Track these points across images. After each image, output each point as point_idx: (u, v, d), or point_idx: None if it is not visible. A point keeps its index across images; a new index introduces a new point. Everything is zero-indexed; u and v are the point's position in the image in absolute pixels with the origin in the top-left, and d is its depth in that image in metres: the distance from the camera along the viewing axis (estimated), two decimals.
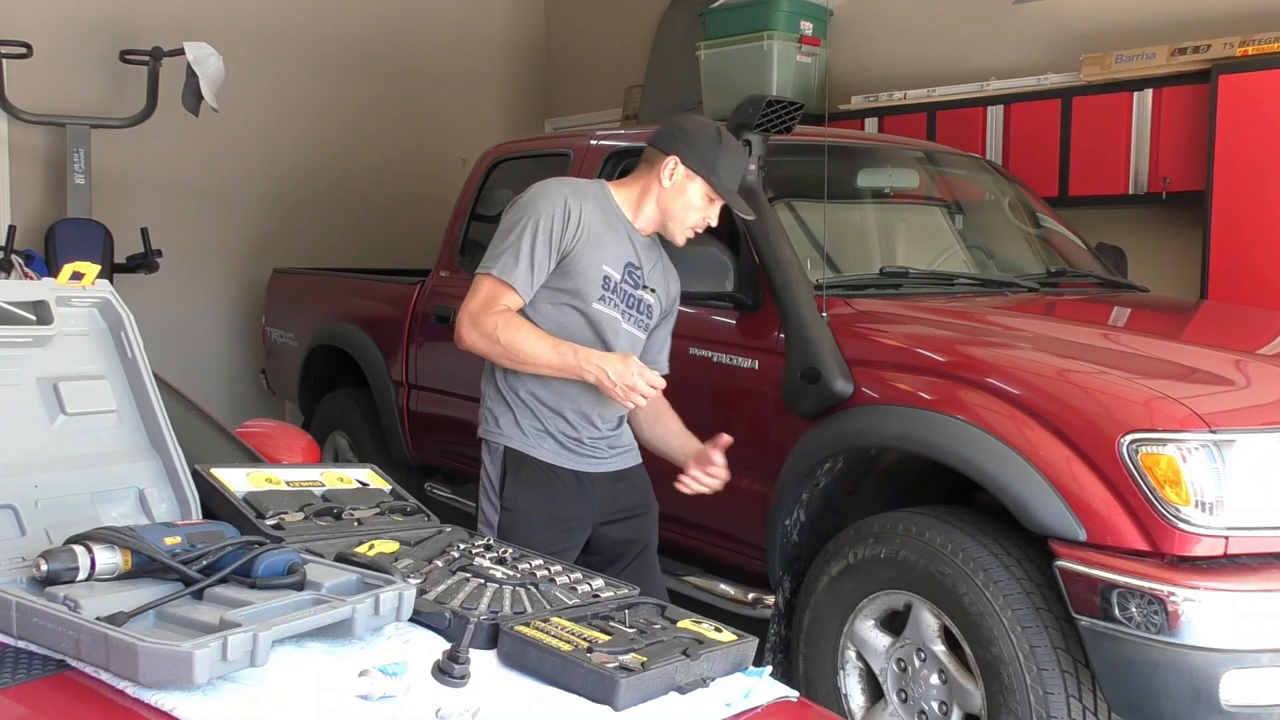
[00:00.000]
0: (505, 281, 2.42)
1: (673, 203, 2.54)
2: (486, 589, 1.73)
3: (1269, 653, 2.28)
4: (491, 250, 2.46)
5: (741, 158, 2.60)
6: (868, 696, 2.89)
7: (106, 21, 6.14)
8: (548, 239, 2.42)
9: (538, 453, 2.55)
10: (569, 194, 2.46)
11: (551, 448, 2.56)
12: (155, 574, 1.57)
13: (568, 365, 2.41)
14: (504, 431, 2.56)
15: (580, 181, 2.60)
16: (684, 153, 2.51)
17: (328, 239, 6.89)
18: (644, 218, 2.58)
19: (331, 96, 6.98)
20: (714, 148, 2.51)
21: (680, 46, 6.41)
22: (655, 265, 2.64)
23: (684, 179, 2.52)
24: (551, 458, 2.56)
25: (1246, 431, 2.39)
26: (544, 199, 2.45)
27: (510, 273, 2.41)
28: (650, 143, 2.59)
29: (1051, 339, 2.94)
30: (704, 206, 2.55)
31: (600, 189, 2.57)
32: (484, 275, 2.44)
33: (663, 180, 2.53)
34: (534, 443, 2.55)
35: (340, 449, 5.08)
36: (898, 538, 2.72)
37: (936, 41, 5.68)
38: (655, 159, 2.55)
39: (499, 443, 2.56)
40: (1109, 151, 4.71)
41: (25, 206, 6.00)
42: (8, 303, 1.83)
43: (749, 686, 1.62)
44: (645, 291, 2.60)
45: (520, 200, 2.50)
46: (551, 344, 2.43)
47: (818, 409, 2.92)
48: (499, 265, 2.42)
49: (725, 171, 2.53)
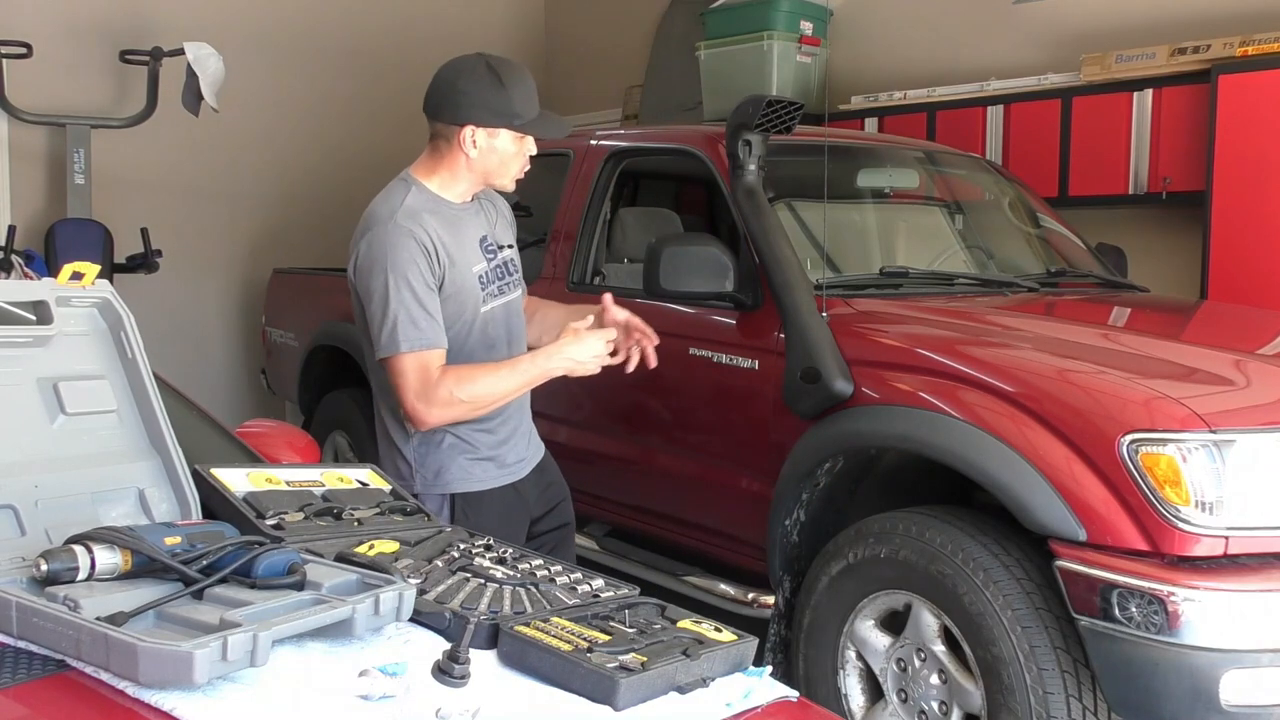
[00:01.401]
0: (420, 349, 2.28)
1: (488, 164, 2.39)
2: (486, 589, 1.73)
3: (1269, 653, 2.28)
4: (380, 326, 2.30)
5: (524, 74, 2.39)
6: (868, 696, 2.89)
7: (106, 21, 6.14)
8: (424, 283, 2.30)
9: (482, 484, 2.46)
10: (408, 227, 2.30)
11: (493, 472, 2.49)
12: (155, 574, 1.57)
13: (534, 379, 2.36)
14: (444, 478, 2.45)
15: (398, 203, 2.36)
16: (475, 115, 2.34)
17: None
18: (464, 191, 2.45)
19: (332, 96, 6.98)
20: (497, 90, 2.32)
21: (680, 46, 6.41)
22: (492, 220, 2.53)
23: (487, 139, 2.36)
24: (494, 480, 2.49)
25: (1246, 431, 2.39)
26: (393, 248, 2.28)
27: (418, 339, 2.28)
28: (430, 116, 2.40)
29: (1051, 339, 2.94)
30: (519, 150, 2.40)
31: (416, 192, 2.39)
32: (396, 357, 2.28)
33: (468, 152, 2.37)
34: (477, 475, 2.46)
35: (340, 449, 5.08)
36: (898, 538, 2.72)
37: (936, 41, 5.68)
38: (448, 133, 2.37)
39: (443, 493, 2.45)
40: (1109, 151, 4.71)
41: (25, 206, 6.00)
42: (8, 303, 1.83)
43: (749, 686, 1.62)
44: (501, 252, 2.52)
45: (368, 260, 2.32)
46: (507, 369, 2.35)
47: (818, 409, 2.92)
48: (402, 338, 2.27)
49: (521, 104, 2.35)
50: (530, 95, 2.39)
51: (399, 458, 2.47)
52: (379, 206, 2.39)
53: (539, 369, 2.34)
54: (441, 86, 2.38)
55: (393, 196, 2.39)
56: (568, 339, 2.35)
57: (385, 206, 2.37)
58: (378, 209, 2.38)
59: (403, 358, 2.28)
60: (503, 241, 2.54)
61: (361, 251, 2.34)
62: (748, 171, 3.22)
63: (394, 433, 2.48)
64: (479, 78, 2.34)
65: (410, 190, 2.40)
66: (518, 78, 2.38)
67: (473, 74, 2.35)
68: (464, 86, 2.34)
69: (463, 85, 2.35)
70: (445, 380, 2.28)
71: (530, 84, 2.41)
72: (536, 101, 2.41)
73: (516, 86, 2.36)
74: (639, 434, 3.60)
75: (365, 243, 2.33)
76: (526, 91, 2.38)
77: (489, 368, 2.37)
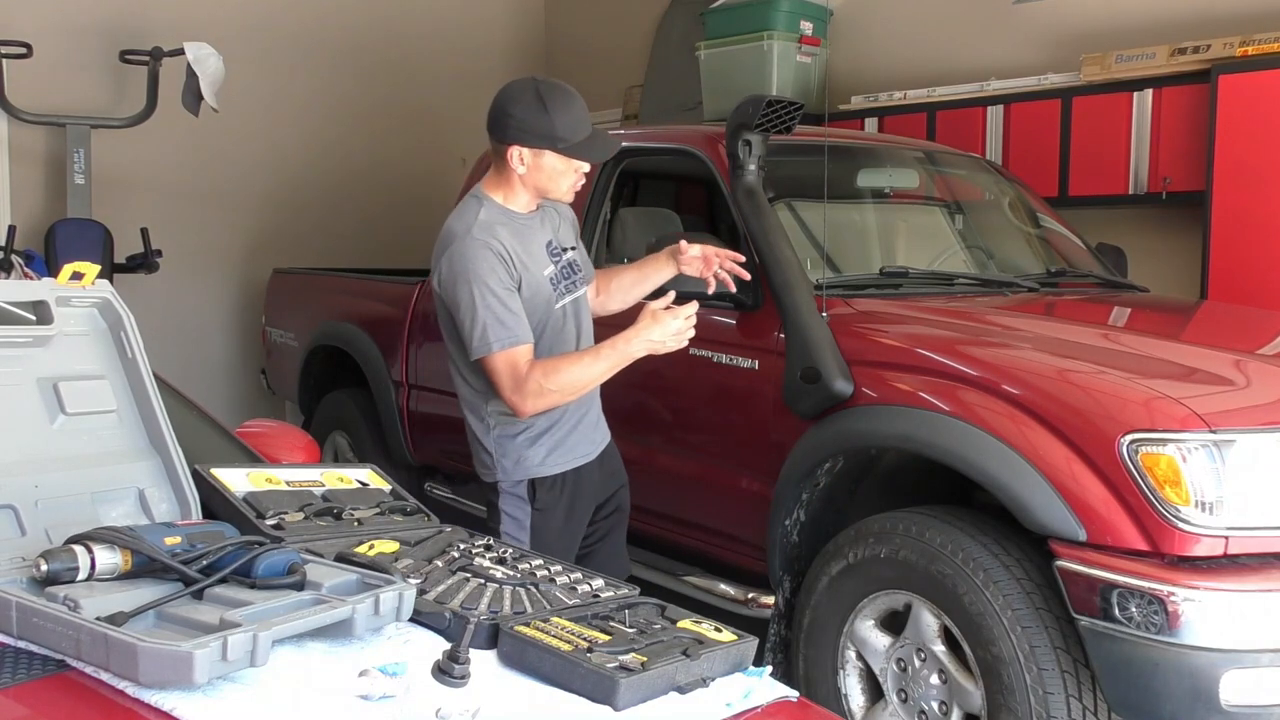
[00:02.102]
0: (509, 348, 2.46)
1: (538, 180, 2.56)
2: (486, 589, 1.73)
3: (1269, 653, 2.28)
4: (470, 332, 2.48)
5: (571, 99, 2.54)
6: (868, 696, 2.89)
7: (106, 21, 6.13)
8: (504, 288, 2.47)
9: (556, 468, 2.63)
10: (484, 240, 2.49)
11: (565, 457, 2.64)
12: (155, 574, 1.58)
13: (616, 364, 2.50)
14: (523, 466, 2.62)
15: (472, 219, 2.55)
16: (518, 137, 2.51)
17: (328, 239, 6.89)
18: (527, 203, 2.61)
19: (332, 96, 6.98)
20: (540, 115, 2.49)
21: (680, 46, 6.40)
22: (555, 224, 2.70)
23: (533, 157, 2.53)
24: (566, 465, 2.64)
25: (1246, 431, 2.39)
26: (473, 260, 2.47)
27: (506, 337, 2.46)
28: (489, 134, 2.58)
29: (1051, 339, 2.94)
30: (567, 167, 2.55)
31: (489, 207, 2.57)
32: (490, 356, 2.47)
33: (517, 169, 2.54)
34: (551, 461, 2.63)
35: (340, 449, 5.08)
36: (898, 538, 2.72)
37: (936, 41, 5.68)
38: (501, 151, 2.55)
39: (521, 478, 2.63)
40: (1109, 151, 4.70)
41: (25, 206, 5.99)
42: (8, 303, 1.83)
43: (749, 686, 1.63)
44: (566, 253, 2.68)
45: (451, 274, 2.51)
46: (590, 357, 2.51)
47: (818, 409, 2.92)
48: (493, 339, 2.45)
49: (564, 129, 2.50)
50: (575, 119, 2.53)
51: (481, 449, 2.67)
52: (455, 223, 2.57)
53: (619, 354, 2.48)
54: (494, 108, 2.57)
55: (466, 213, 2.57)
56: (646, 322, 2.47)
57: (461, 223, 2.55)
58: (454, 226, 2.57)
59: (495, 356, 2.46)
60: (566, 244, 2.71)
61: (444, 267, 2.52)
62: (748, 171, 3.22)
63: (475, 427, 2.67)
64: (525, 102, 2.51)
65: (482, 206, 2.58)
66: (563, 102, 2.52)
67: (520, 98, 2.52)
68: (511, 109, 2.52)
69: (510, 108, 2.52)
70: (534, 373, 2.46)
71: (577, 107, 2.55)
72: (584, 123, 2.55)
73: (560, 111, 2.50)
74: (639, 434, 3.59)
75: (446, 258, 2.52)
76: (571, 115, 2.52)
77: (573, 357, 2.53)
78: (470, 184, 4.49)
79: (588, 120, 2.57)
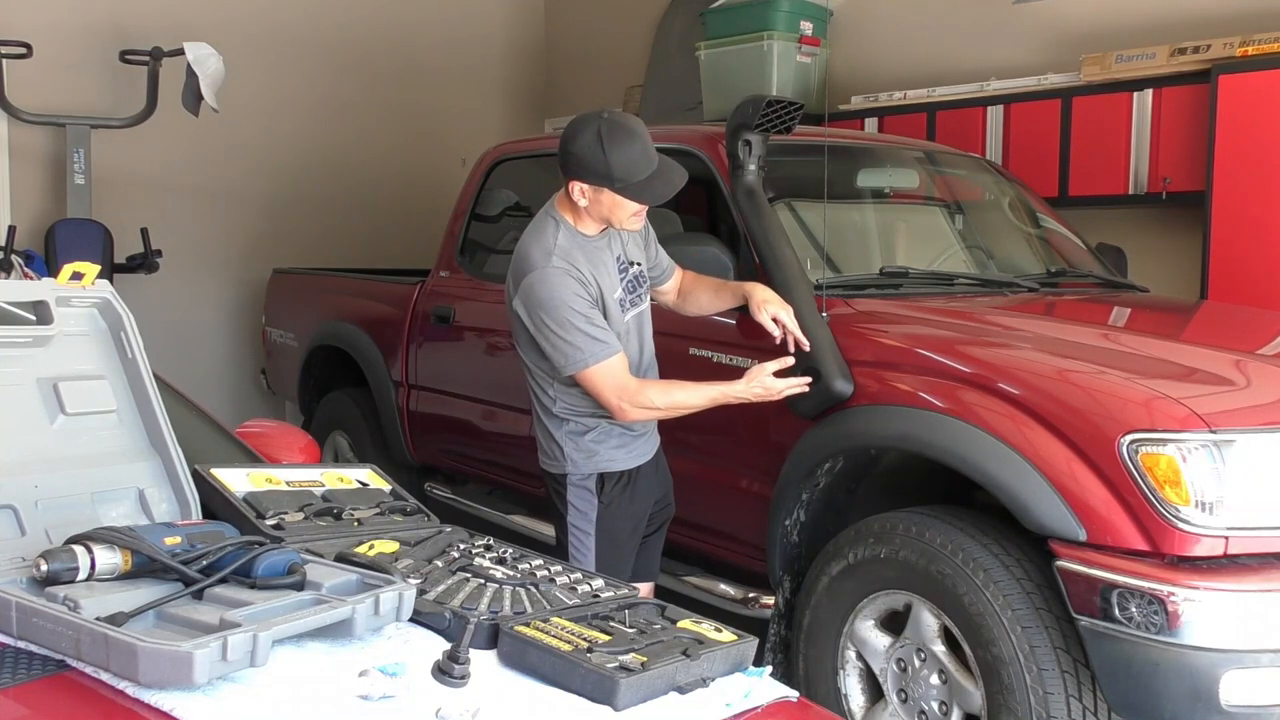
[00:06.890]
0: (604, 359, 2.62)
1: (601, 211, 2.68)
2: (486, 589, 1.73)
3: (1269, 653, 2.28)
4: (564, 351, 2.63)
5: (632, 139, 2.61)
6: (868, 696, 2.89)
7: (106, 21, 6.13)
8: (589, 309, 2.64)
9: (624, 464, 2.80)
10: (564, 267, 2.63)
11: (629, 456, 2.82)
12: (155, 574, 1.58)
13: (717, 402, 2.73)
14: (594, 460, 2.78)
15: (551, 244, 2.67)
16: (578, 174, 2.63)
17: (328, 239, 6.89)
18: (594, 226, 2.73)
19: (332, 96, 6.98)
20: (598, 155, 2.57)
21: (680, 46, 6.41)
22: (625, 240, 2.82)
23: (593, 193, 2.64)
24: (631, 462, 2.82)
25: (1246, 431, 2.39)
26: (557, 287, 2.61)
27: (601, 351, 2.62)
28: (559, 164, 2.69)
29: (1051, 339, 2.94)
30: (627, 203, 2.65)
31: (565, 231, 2.69)
32: (589, 371, 2.63)
33: (579, 202, 2.67)
34: (620, 457, 2.80)
35: (340, 449, 5.08)
36: (898, 538, 2.72)
37: (936, 41, 5.68)
38: (565, 182, 2.68)
39: (592, 472, 2.79)
40: (1109, 151, 4.70)
41: (25, 206, 5.99)
42: (8, 303, 1.83)
43: (749, 686, 1.63)
44: (632, 268, 2.82)
45: (535, 300, 2.64)
46: (700, 390, 2.72)
47: (818, 409, 2.92)
48: (589, 354, 2.62)
49: (621, 169, 2.58)
50: (633, 159, 2.60)
51: (552, 443, 2.83)
52: (533, 247, 2.69)
53: (724, 397, 2.73)
54: (561, 140, 2.67)
55: (545, 236, 2.69)
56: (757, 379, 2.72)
57: (539, 247, 2.68)
58: (532, 251, 2.68)
59: (595, 370, 2.64)
60: (633, 259, 2.84)
61: (525, 290, 2.66)
62: (748, 171, 3.22)
63: (549, 423, 2.82)
64: (586, 140, 2.60)
65: (560, 230, 2.70)
66: (623, 141, 2.59)
67: (581, 135, 2.61)
68: (572, 147, 2.63)
69: (571, 145, 2.63)
70: (649, 389, 2.70)
71: (637, 148, 2.61)
72: (643, 163, 2.61)
73: (618, 150, 2.58)
74: None
75: (529, 284, 2.65)
76: (629, 155, 2.59)
77: (686, 385, 2.75)
78: (470, 185, 4.49)
79: (649, 159, 2.63)
